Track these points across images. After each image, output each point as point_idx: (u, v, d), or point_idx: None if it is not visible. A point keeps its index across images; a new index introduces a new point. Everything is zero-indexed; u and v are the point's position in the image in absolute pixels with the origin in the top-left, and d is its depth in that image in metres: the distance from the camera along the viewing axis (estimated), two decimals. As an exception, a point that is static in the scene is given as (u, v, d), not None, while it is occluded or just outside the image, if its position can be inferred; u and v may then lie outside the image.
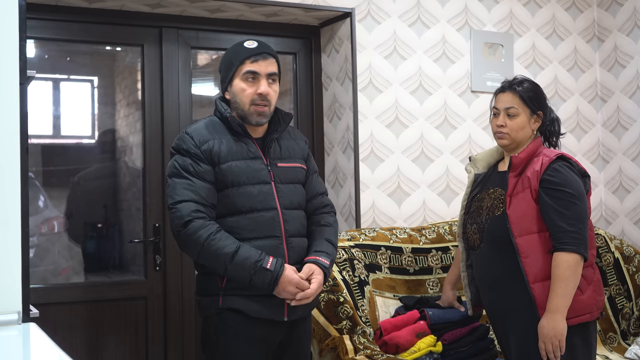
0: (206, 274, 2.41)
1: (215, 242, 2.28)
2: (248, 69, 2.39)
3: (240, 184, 2.37)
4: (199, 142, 2.37)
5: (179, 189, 2.33)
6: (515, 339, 2.62)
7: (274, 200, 2.40)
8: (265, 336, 2.41)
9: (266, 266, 2.28)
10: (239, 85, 2.41)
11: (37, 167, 3.56)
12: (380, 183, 3.70)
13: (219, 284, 2.37)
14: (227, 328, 2.38)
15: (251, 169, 2.39)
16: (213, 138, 2.39)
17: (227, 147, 2.38)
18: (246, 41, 2.45)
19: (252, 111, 2.40)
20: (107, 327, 3.38)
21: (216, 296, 2.38)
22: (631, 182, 4.18)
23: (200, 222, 2.30)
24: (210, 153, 2.36)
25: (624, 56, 4.20)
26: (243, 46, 2.43)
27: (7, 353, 1.59)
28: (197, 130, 2.40)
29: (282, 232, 2.39)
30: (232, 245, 2.28)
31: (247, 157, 2.40)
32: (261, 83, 2.40)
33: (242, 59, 2.40)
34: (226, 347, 2.39)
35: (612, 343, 3.63)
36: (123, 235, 3.72)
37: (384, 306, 3.20)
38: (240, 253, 2.28)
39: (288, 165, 2.48)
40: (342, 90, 3.75)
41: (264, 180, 2.40)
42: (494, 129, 2.73)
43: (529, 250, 2.54)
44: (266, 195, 2.39)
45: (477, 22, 3.98)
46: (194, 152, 2.36)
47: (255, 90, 2.39)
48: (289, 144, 2.53)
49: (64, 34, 3.42)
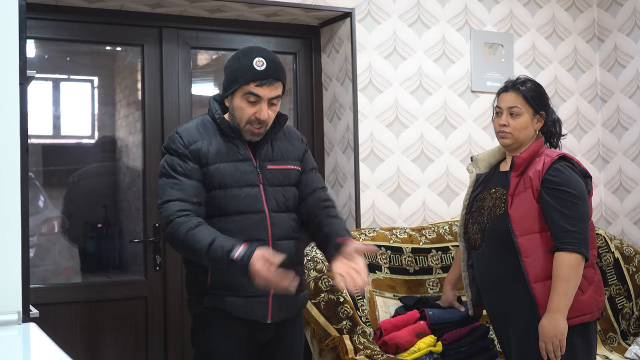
0: (193, 272, 2.41)
1: (193, 236, 2.23)
2: (251, 90, 2.32)
3: (227, 186, 2.35)
4: (187, 142, 2.34)
5: (166, 189, 2.32)
6: (516, 339, 2.62)
7: (262, 203, 2.37)
8: (251, 335, 2.40)
9: (234, 257, 2.15)
10: (238, 103, 2.35)
11: (37, 167, 3.56)
12: (380, 183, 3.70)
13: (204, 282, 2.37)
14: (213, 326, 2.38)
15: (239, 171, 2.36)
16: (202, 139, 2.36)
17: (216, 148, 2.36)
18: (256, 58, 2.33)
19: (247, 130, 2.36)
20: (107, 327, 3.38)
21: (202, 295, 2.38)
22: (631, 182, 4.18)
23: (182, 219, 2.26)
24: (199, 153, 2.34)
25: (624, 56, 4.20)
26: (252, 64, 2.32)
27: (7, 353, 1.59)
28: (187, 130, 2.38)
29: (268, 235, 2.36)
30: (208, 237, 2.21)
31: (236, 159, 2.37)
32: (262, 107, 2.33)
33: (247, 79, 2.32)
34: (212, 345, 2.39)
35: (612, 343, 3.63)
36: (123, 235, 3.72)
37: (384, 306, 3.20)
38: (215, 245, 2.20)
39: (279, 168, 2.44)
40: (342, 90, 3.75)
41: (252, 182, 2.37)
42: (496, 128, 2.72)
43: (531, 250, 2.54)
44: (253, 198, 2.36)
45: (477, 22, 3.98)
46: (181, 152, 2.34)
47: (253, 113, 2.33)
48: (282, 145, 2.48)
49: (64, 34, 3.42)
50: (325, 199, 2.52)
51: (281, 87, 2.39)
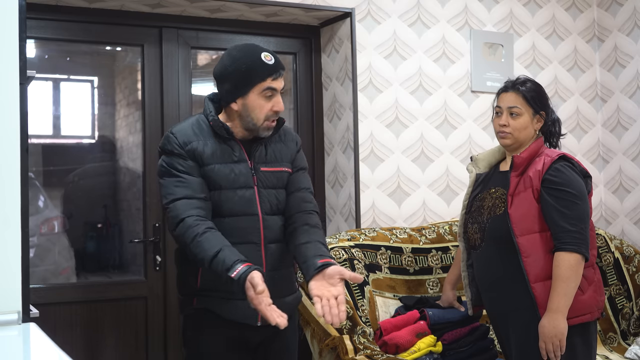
0: (183, 273, 2.41)
1: (199, 244, 2.22)
2: (269, 86, 2.32)
3: (222, 187, 2.33)
4: (182, 142, 2.33)
5: (170, 188, 2.31)
6: (516, 339, 2.62)
7: (256, 206, 2.36)
8: (241, 337, 2.38)
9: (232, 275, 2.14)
10: (257, 101, 2.33)
11: (37, 167, 3.56)
12: (380, 183, 3.70)
13: (194, 283, 2.36)
14: (203, 327, 2.37)
15: (234, 173, 2.35)
16: (198, 139, 2.34)
17: (211, 149, 2.34)
18: (262, 53, 2.33)
19: (265, 126, 2.36)
20: (107, 327, 3.38)
21: (192, 296, 2.37)
22: (631, 182, 4.18)
23: (190, 221, 2.24)
24: (194, 153, 2.32)
25: (624, 56, 4.20)
26: (261, 60, 2.32)
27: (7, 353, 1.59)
28: (182, 130, 2.36)
29: (260, 238, 2.35)
30: (212, 249, 2.20)
31: (231, 161, 2.35)
32: (278, 99, 2.35)
33: (263, 76, 2.31)
34: (202, 346, 2.38)
35: (612, 343, 3.63)
36: (123, 235, 3.72)
37: (384, 306, 3.20)
38: (217, 259, 2.18)
39: (271, 170, 2.42)
40: (342, 90, 3.75)
41: (247, 184, 2.36)
42: (496, 128, 2.72)
43: (530, 249, 2.54)
44: (247, 200, 2.35)
45: (477, 22, 3.98)
46: (177, 152, 2.32)
47: (271, 107, 2.34)
48: (276, 147, 2.46)
49: (64, 34, 3.42)
50: (307, 200, 2.46)
51: None
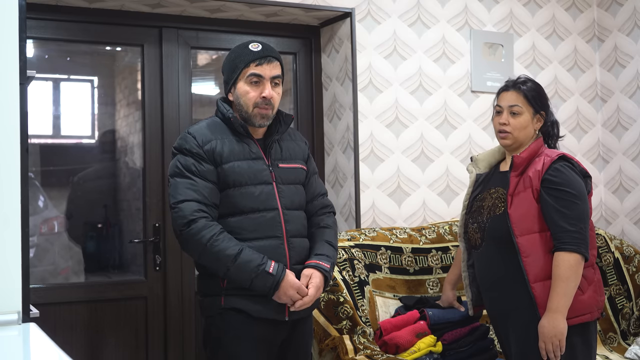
0: (208, 275, 2.42)
1: (218, 244, 2.29)
2: (252, 72, 2.41)
3: (242, 184, 2.39)
4: (201, 142, 2.38)
5: (181, 189, 2.34)
6: (516, 339, 2.62)
7: (275, 201, 2.41)
8: (267, 336, 2.41)
9: (268, 270, 2.29)
10: (243, 88, 2.42)
11: (36, 167, 3.55)
12: (380, 183, 3.70)
13: (220, 284, 2.38)
14: (230, 328, 2.38)
15: (253, 169, 2.40)
16: (215, 138, 2.40)
17: (229, 147, 2.40)
18: (250, 43, 2.45)
19: (256, 113, 2.42)
20: (107, 327, 3.38)
21: (218, 296, 2.38)
22: (631, 182, 4.18)
23: (204, 222, 2.30)
24: (213, 153, 2.37)
25: (624, 56, 4.20)
26: (248, 49, 2.44)
27: (7, 353, 1.59)
28: (200, 130, 2.42)
29: (283, 232, 2.40)
30: (235, 247, 2.30)
31: (249, 158, 2.42)
32: (265, 86, 2.41)
33: (246, 62, 2.41)
34: (229, 347, 2.39)
35: (612, 343, 3.63)
36: (123, 235, 3.72)
37: (384, 306, 3.20)
38: (243, 256, 2.29)
39: (289, 166, 2.50)
40: (342, 90, 3.75)
41: (266, 180, 2.42)
42: (496, 127, 2.72)
43: (530, 249, 2.54)
44: (268, 195, 2.40)
45: (477, 22, 3.98)
46: (196, 151, 2.37)
47: (259, 94, 2.41)
48: (289, 145, 2.55)
49: (64, 34, 3.42)
50: (324, 205, 2.61)
51: (279, 67, 2.47)
